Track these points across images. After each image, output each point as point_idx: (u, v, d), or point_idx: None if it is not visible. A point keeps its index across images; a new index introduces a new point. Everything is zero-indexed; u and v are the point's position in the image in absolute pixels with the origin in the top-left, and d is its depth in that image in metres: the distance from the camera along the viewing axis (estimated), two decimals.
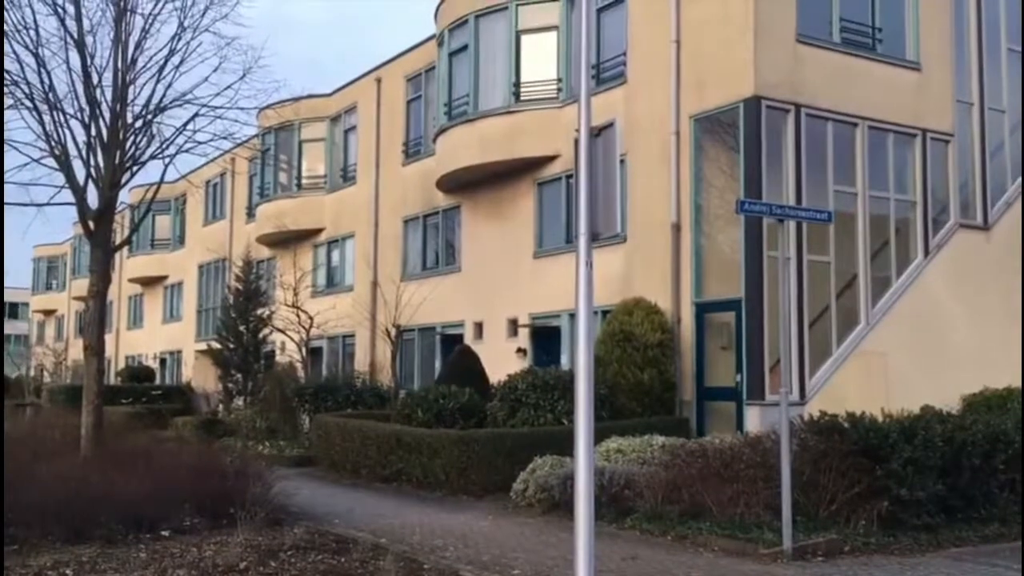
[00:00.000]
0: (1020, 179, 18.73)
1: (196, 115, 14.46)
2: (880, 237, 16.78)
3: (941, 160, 17.57)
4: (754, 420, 14.58)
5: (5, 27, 13.33)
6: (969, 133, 18.14)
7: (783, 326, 11.08)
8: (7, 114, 13.66)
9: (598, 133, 6.78)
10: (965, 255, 17.54)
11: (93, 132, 14.06)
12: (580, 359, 6.63)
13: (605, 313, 16.99)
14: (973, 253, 17.68)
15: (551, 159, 19.69)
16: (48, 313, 58.85)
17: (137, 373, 38.51)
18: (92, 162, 14.14)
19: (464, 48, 21.27)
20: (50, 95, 13.83)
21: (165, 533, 10.05)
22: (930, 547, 10.22)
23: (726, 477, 11.10)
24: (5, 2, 13.38)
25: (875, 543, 10.14)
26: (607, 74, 18.57)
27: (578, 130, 6.69)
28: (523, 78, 20.03)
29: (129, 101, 14.35)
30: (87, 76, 13.94)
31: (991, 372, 15.93)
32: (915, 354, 16.24)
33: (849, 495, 10.52)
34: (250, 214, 32.90)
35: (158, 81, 14.35)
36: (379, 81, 26.47)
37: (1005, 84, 18.81)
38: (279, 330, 25.24)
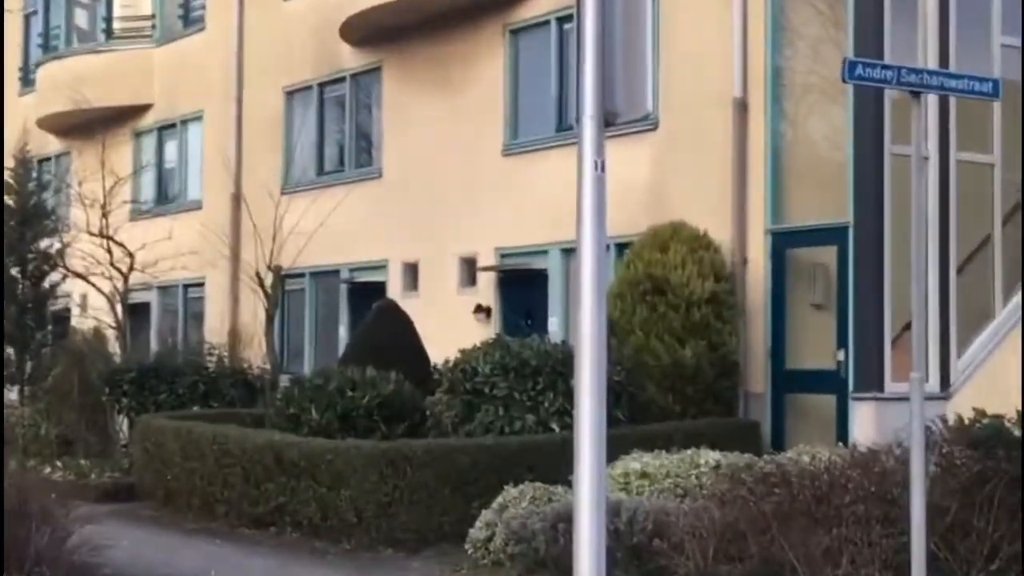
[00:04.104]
0: None
1: None
2: None
3: None
4: (866, 424, 14.75)
5: None
6: None
7: (916, 270, 11.06)
8: None
9: None
10: None
11: None
12: (584, 323, 6.68)
13: (622, 248, 17.00)
14: None
15: None
16: None
17: None
18: None
19: None
20: None
21: None
22: None
23: (820, 517, 11.21)
24: None
25: None
26: None
27: None
28: None
29: None
30: None
31: None
32: None
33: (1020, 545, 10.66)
34: (26, 81, 32.47)
35: None
36: None
37: None
38: (78, 275, 25.02)
